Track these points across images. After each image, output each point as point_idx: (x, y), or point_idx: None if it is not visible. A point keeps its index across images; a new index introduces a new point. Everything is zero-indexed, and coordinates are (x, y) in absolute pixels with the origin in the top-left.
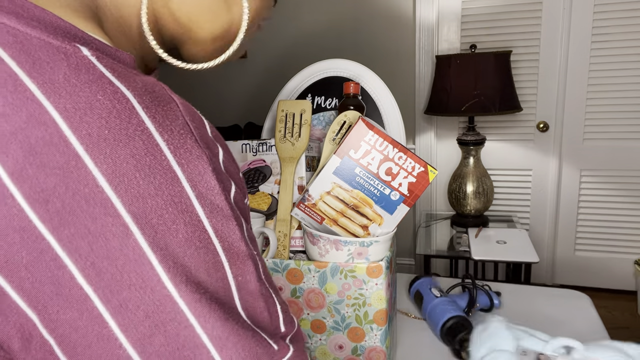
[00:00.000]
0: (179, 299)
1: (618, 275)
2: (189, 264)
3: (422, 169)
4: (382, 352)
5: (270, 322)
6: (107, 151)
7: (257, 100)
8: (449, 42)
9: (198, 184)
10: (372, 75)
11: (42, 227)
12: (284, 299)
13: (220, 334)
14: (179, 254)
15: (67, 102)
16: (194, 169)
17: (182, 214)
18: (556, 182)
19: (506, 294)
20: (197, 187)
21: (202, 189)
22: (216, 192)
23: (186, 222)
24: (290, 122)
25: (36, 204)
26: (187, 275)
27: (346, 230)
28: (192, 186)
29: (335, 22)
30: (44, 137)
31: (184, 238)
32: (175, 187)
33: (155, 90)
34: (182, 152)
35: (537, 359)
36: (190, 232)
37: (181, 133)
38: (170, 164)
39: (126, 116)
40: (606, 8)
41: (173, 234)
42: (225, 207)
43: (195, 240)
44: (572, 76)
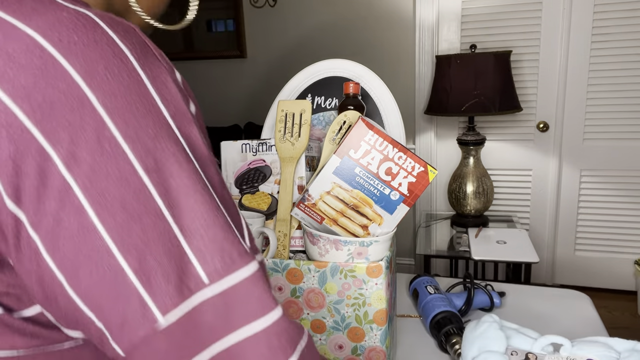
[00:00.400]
0: (153, 189)
1: (618, 275)
2: (160, 156)
3: (422, 168)
4: (382, 352)
5: (240, 226)
6: (78, 53)
7: (257, 100)
8: (449, 42)
9: (161, 89)
10: (372, 75)
11: (27, 120)
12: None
13: (195, 225)
14: (150, 147)
15: (39, 20)
16: (157, 76)
17: (150, 112)
18: (556, 182)
19: (506, 293)
20: (160, 92)
21: (166, 95)
22: (178, 99)
23: (154, 120)
24: (290, 122)
25: (19, 100)
26: (159, 165)
27: (346, 230)
28: (157, 90)
29: (335, 22)
30: (21, 46)
31: (154, 133)
32: (142, 89)
33: (115, 16)
34: (145, 60)
35: (525, 358)
36: (158, 128)
37: (142, 46)
38: (135, 67)
39: (91, 27)
40: (606, 8)
41: (144, 129)
42: (186, 112)
43: (164, 135)
44: (572, 76)
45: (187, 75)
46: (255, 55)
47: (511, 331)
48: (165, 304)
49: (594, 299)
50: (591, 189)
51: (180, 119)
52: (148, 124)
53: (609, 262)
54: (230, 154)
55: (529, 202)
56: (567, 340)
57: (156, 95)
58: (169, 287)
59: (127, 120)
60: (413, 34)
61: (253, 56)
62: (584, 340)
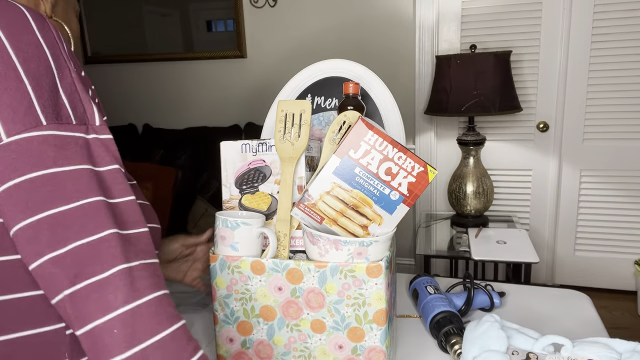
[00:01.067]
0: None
1: (618, 275)
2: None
3: (421, 168)
4: (382, 352)
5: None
6: None
7: (257, 100)
8: (449, 42)
9: None
10: (372, 75)
11: None
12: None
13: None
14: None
15: None
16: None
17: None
18: (556, 182)
19: (506, 293)
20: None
21: None
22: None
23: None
24: (290, 122)
25: None
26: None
27: (346, 230)
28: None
29: (335, 22)
30: None
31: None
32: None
33: None
34: None
35: (526, 358)
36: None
37: None
38: None
39: None
40: (606, 8)
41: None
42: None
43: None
44: (572, 76)
45: (187, 75)
46: (255, 55)
47: (512, 331)
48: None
49: (594, 299)
50: (591, 189)
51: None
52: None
53: (609, 262)
54: (230, 154)
55: (529, 202)
56: (568, 340)
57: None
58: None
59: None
60: (413, 34)
61: (253, 56)
62: (585, 341)
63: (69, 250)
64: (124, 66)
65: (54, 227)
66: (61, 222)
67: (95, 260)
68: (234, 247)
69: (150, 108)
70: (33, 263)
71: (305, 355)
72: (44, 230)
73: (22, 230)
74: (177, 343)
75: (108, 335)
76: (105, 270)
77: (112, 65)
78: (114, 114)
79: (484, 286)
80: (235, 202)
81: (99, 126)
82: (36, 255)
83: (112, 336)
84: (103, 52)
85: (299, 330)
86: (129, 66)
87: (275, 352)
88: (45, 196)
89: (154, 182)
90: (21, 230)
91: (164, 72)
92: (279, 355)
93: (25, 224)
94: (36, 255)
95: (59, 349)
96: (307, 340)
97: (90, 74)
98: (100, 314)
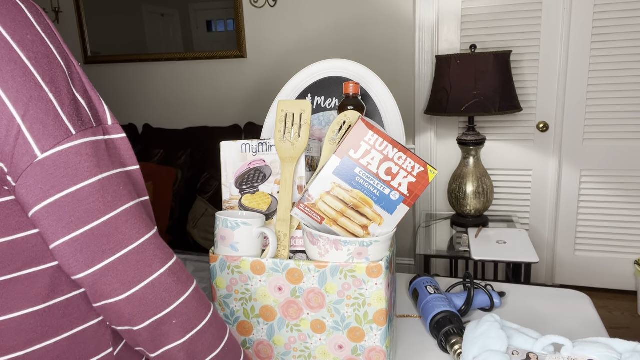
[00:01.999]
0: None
1: (618, 275)
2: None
3: (421, 169)
4: (382, 352)
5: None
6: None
7: (257, 100)
8: (449, 42)
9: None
10: (372, 75)
11: None
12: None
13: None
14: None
15: None
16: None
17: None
18: (556, 182)
19: (506, 293)
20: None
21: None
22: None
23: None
24: (290, 122)
25: None
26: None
27: (346, 230)
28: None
29: (335, 22)
30: None
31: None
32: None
33: None
34: None
35: (527, 358)
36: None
37: None
38: None
39: None
40: (606, 8)
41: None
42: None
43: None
44: (572, 76)
45: (187, 75)
46: (255, 55)
47: (512, 331)
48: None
49: (594, 299)
50: (591, 189)
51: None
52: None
53: (609, 262)
54: (230, 154)
55: (529, 202)
56: (569, 340)
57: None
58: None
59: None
60: (413, 34)
61: (253, 56)
62: (585, 341)
63: (118, 258)
64: (124, 66)
65: (99, 239)
66: (106, 233)
67: (146, 264)
68: (234, 247)
69: (150, 108)
70: (81, 273)
71: (306, 355)
72: (90, 243)
73: (65, 244)
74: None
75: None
76: (156, 271)
77: (112, 65)
78: (114, 113)
79: (484, 286)
80: (235, 202)
81: (112, 126)
82: (85, 267)
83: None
84: (103, 52)
85: (299, 330)
86: (129, 66)
87: (275, 352)
88: (87, 209)
89: (154, 182)
90: (65, 244)
91: (164, 72)
92: (279, 355)
93: (69, 238)
94: (85, 267)
95: (104, 339)
96: (307, 341)
97: (90, 74)
98: (162, 308)
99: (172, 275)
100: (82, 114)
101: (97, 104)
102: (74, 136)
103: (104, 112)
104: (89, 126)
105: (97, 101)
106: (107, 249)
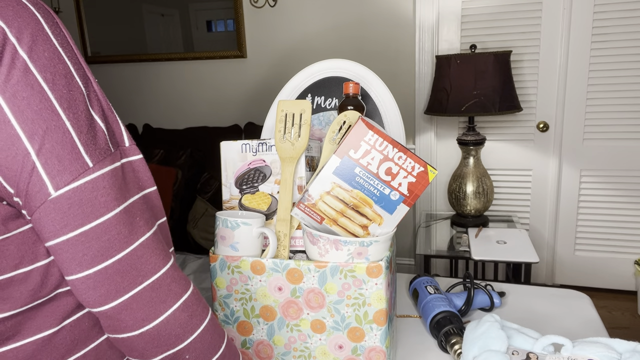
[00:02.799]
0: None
1: (618, 275)
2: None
3: (421, 168)
4: (382, 352)
5: (106, 137)
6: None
7: (257, 100)
8: (449, 42)
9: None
10: (372, 75)
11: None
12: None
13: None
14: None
15: None
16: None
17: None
18: (556, 182)
19: (506, 293)
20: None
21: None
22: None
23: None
24: (290, 122)
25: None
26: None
27: (346, 230)
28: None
29: (335, 22)
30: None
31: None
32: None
33: None
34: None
35: (527, 357)
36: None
37: None
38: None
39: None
40: (606, 8)
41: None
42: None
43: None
44: (572, 76)
45: (187, 75)
46: (255, 55)
47: (512, 331)
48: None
49: (594, 299)
50: (591, 189)
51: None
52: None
53: (609, 262)
54: (230, 154)
55: (529, 202)
56: (568, 340)
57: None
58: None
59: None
60: (413, 34)
61: (253, 56)
62: (585, 341)
63: (132, 296)
64: (124, 66)
65: (113, 277)
66: (120, 270)
67: (160, 300)
68: (234, 247)
69: (150, 108)
70: (94, 308)
71: (305, 355)
72: (103, 281)
73: (79, 281)
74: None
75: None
76: (170, 307)
77: (112, 65)
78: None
79: (484, 286)
80: (235, 202)
81: (129, 147)
82: (97, 304)
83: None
84: (103, 52)
85: (299, 330)
86: (129, 66)
87: (275, 352)
88: (102, 247)
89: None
90: (78, 281)
91: (164, 72)
92: (279, 355)
93: (82, 276)
94: (97, 304)
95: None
96: (307, 340)
97: None
98: (175, 344)
99: (186, 310)
100: (100, 140)
101: (114, 125)
102: (90, 169)
103: (121, 134)
104: (107, 154)
105: (114, 122)
106: (120, 287)
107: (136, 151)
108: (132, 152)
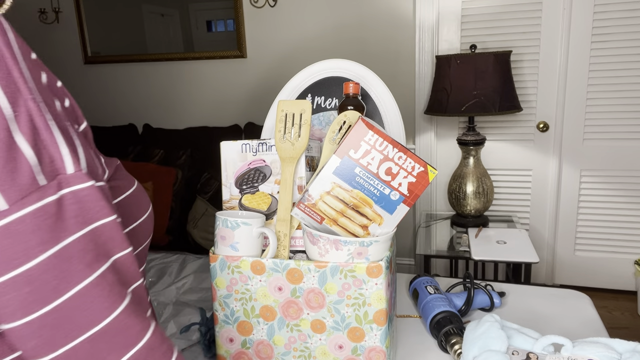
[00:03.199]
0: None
1: (618, 275)
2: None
3: (422, 168)
4: (382, 352)
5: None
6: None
7: (257, 100)
8: (449, 42)
9: None
10: (372, 75)
11: None
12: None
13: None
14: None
15: None
16: None
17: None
18: (556, 182)
19: (506, 293)
20: None
21: None
22: None
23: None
24: (290, 122)
25: None
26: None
27: (346, 230)
28: None
29: (335, 22)
30: None
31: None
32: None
33: None
34: None
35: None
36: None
37: None
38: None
39: None
40: (606, 8)
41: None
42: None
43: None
44: (572, 76)
45: (187, 75)
46: (255, 55)
47: (512, 331)
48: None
49: (594, 299)
50: (591, 189)
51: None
52: None
53: (609, 262)
54: (230, 154)
55: (529, 202)
56: (568, 340)
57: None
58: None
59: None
60: (413, 34)
61: (253, 56)
62: (585, 341)
63: (73, 347)
64: (124, 66)
65: (43, 330)
66: (50, 324)
67: (106, 352)
68: (234, 247)
69: (150, 108)
70: (37, 358)
71: (305, 355)
72: (34, 333)
73: (9, 331)
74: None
75: None
76: (126, 352)
77: (112, 65)
78: (114, 114)
79: (484, 286)
80: (235, 202)
81: (74, 175)
82: (32, 356)
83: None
84: (103, 52)
85: (299, 330)
86: (129, 66)
87: (275, 352)
88: (25, 299)
89: (154, 182)
90: (8, 331)
91: (164, 72)
92: (279, 355)
93: (9, 327)
94: (33, 356)
95: None
96: (307, 340)
97: (90, 74)
98: None
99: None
100: (21, 175)
101: (53, 150)
102: (3, 212)
103: (61, 159)
104: (31, 189)
105: (52, 145)
106: (54, 340)
107: (83, 178)
108: (78, 179)
